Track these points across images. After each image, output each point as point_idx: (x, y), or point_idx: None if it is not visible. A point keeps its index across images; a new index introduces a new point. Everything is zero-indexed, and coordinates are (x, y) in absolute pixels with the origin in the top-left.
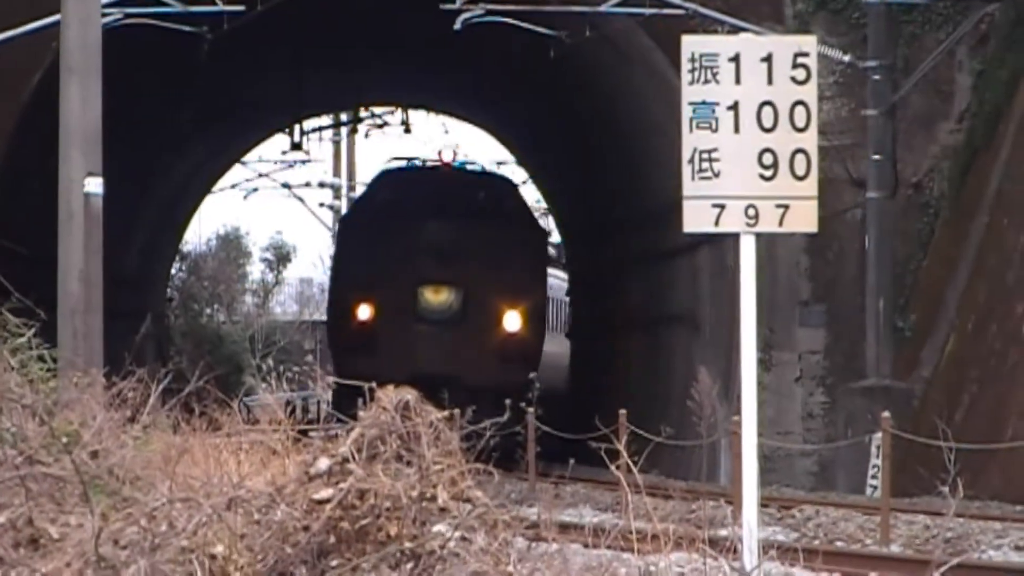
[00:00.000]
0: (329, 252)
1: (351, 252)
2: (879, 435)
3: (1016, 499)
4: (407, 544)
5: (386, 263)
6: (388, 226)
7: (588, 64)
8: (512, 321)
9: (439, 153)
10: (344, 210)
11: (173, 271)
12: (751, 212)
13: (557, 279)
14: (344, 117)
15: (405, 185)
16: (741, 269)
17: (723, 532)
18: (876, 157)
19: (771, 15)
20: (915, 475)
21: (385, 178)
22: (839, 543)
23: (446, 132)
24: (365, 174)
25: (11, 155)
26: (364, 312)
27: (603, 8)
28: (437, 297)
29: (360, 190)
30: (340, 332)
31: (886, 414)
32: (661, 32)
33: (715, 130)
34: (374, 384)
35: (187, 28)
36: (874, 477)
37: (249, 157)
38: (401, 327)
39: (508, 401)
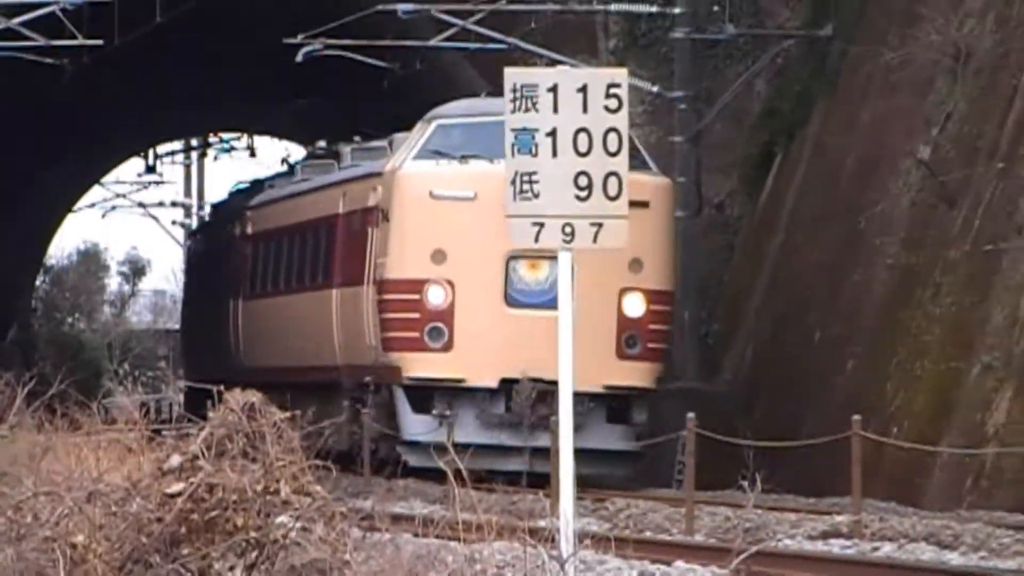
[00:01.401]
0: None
1: (407, 213)
2: (686, 433)
3: (810, 492)
4: (252, 534)
5: (462, 228)
6: (461, 176)
7: (420, 93)
8: (634, 305)
9: None
10: (195, 225)
11: (37, 283)
12: (567, 230)
13: None
14: (195, 142)
15: (481, 121)
16: (559, 282)
17: (542, 523)
18: (682, 180)
19: (587, 49)
20: (719, 470)
21: (450, 114)
22: (648, 533)
23: (287, 155)
24: (213, 194)
25: None
26: (435, 295)
27: (432, 43)
28: (535, 273)
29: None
30: (396, 322)
31: (691, 415)
32: (486, 65)
33: (535, 155)
34: (222, 387)
35: (49, 60)
36: (680, 472)
37: (108, 178)
38: (486, 314)
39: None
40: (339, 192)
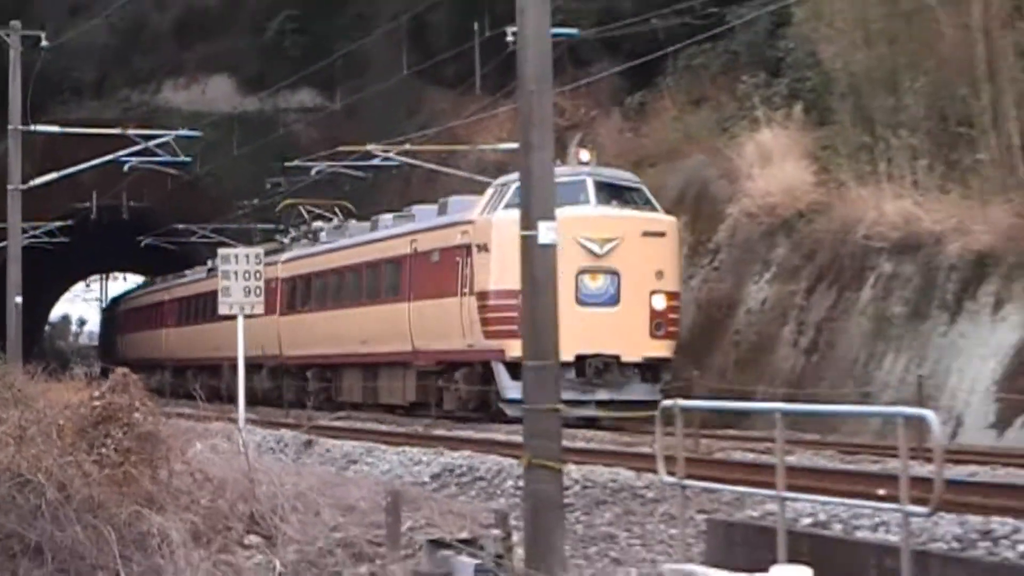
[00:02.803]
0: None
1: (505, 245)
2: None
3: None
4: (125, 420)
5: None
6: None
7: (198, 252)
8: (659, 301)
9: (576, 154)
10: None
11: (46, 328)
12: (244, 308)
13: None
14: (104, 275)
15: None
16: (238, 334)
17: (233, 416)
18: None
19: (263, 241)
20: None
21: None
22: (272, 418)
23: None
24: (114, 291)
25: None
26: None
27: (207, 227)
28: (595, 283)
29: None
30: (498, 319)
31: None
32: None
33: (230, 280)
34: (115, 366)
35: (48, 248)
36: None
37: (72, 288)
38: (563, 311)
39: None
40: (407, 240)
